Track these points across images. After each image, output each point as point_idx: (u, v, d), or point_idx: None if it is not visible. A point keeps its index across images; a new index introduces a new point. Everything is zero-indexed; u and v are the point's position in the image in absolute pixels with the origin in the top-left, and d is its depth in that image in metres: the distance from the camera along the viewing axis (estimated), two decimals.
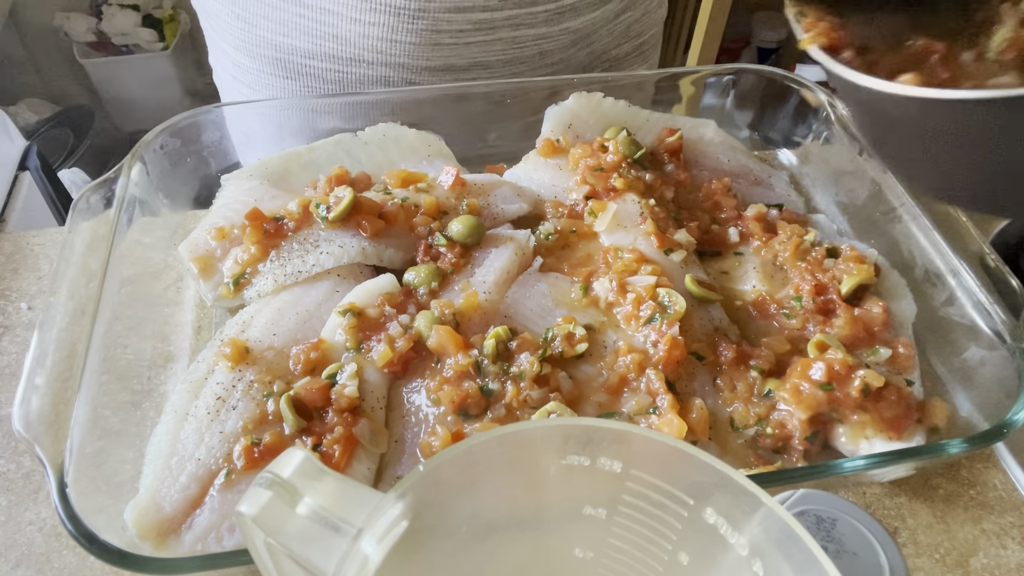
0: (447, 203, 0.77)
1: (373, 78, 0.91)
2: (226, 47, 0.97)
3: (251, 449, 0.58)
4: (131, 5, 2.46)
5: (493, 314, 0.69)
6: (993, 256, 0.67)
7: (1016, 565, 0.62)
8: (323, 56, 0.89)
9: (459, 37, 0.86)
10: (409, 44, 0.86)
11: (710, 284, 0.72)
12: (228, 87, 1.04)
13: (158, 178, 0.79)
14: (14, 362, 0.75)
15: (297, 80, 0.93)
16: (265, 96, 0.96)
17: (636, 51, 1.04)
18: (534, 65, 0.93)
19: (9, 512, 0.64)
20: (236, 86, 1.00)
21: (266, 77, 0.94)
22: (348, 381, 0.62)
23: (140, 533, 0.55)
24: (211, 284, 0.72)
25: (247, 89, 0.99)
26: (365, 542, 0.31)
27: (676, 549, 0.37)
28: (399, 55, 0.86)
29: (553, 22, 0.89)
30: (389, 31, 0.85)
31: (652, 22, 1.04)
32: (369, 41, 0.86)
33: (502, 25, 0.87)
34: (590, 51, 0.97)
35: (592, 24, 0.93)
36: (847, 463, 0.56)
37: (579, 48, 0.95)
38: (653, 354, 0.64)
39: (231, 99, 1.05)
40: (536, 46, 0.91)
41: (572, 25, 0.91)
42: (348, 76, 0.91)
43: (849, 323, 0.66)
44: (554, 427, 0.37)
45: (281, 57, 0.91)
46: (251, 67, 0.95)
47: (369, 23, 0.84)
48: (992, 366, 0.64)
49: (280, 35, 0.89)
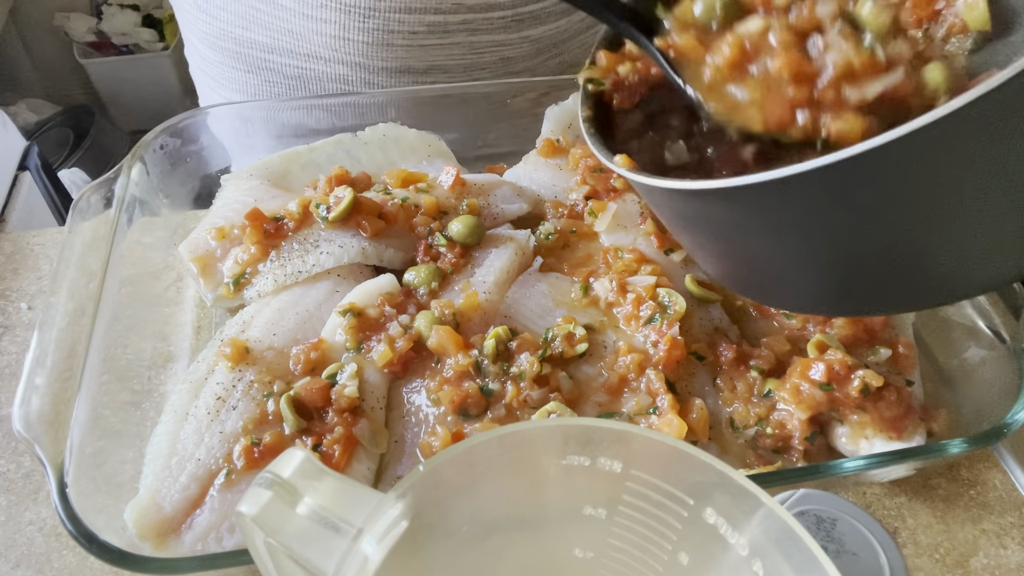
0: (447, 203, 0.77)
1: (331, 76, 0.90)
2: (194, 40, 0.98)
3: (251, 449, 0.58)
4: (131, 5, 2.46)
5: (493, 314, 0.69)
6: None
7: (1016, 565, 0.62)
8: (281, 51, 0.89)
9: (412, 39, 0.85)
10: (362, 43, 0.85)
11: (710, 284, 0.72)
12: (199, 80, 1.04)
13: (158, 178, 0.79)
14: (14, 362, 0.75)
15: (258, 74, 0.93)
16: (229, 89, 0.96)
17: None
18: (497, 72, 0.92)
19: (9, 512, 0.64)
20: (204, 79, 1.01)
21: (228, 70, 0.94)
22: (348, 381, 0.62)
23: (140, 533, 0.55)
24: (211, 284, 0.72)
25: (212, 81, 0.99)
26: (365, 542, 0.31)
27: (676, 549, 0.37)
28: (354, 54, 0.86)
29: (512, 29, 0.87)
30: (341, 29, 0.84)
31: None
32: (323, 38, 0.85)
33: (457, 29, 0.86)
34: (560, 61, 0.96)
35: (558, 34, 0.91)
36: (847, 463, 0.56)
37: (547, 57, 0.94)
38: (653, 354, 0.64)
39: (203, 93, 1.05)
40: (496, 52, 0.89)
41: (533, 33, 0.89)
42: (307, 72, 0.90)
43: (849, 323, 0.66)
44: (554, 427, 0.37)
45: (241, 51, 0.91)
46: (214, 59, 0.95)
47: (321, 20, 0.84)
48: (992, 366, 0.64)
49: (240, 28, 0.89)
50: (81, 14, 2.45)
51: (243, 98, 0.97)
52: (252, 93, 0.96)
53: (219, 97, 1.01)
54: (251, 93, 0.96)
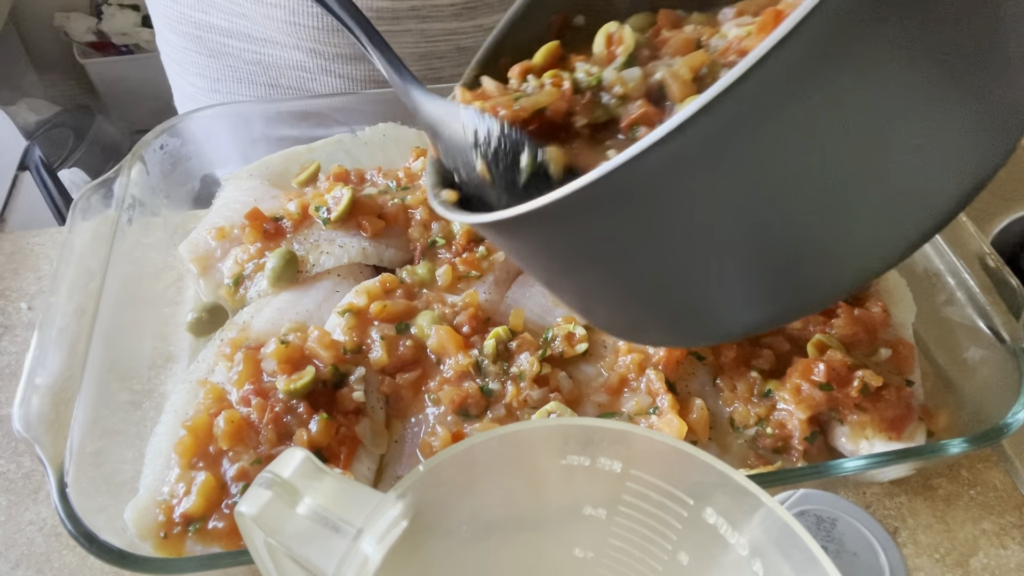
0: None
1: (290, 62, 0.89)
2: (159, 25, 0.98)
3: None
4: (131, 5, 2.46)
5: (493, 314, 0.69)
6: (993, 256, 0.67)
7: (1016, 565, 0.62)
8: (239, 35, 0.89)
9: None
10: (312, 28, 0.84)
11: None
12: (167, 67, 1.04)
13: (158, 178, 0.79)
14: (14, 362, 0.75)
15: (219, 59, 0.92)
16: (193, 74, 0.96)
17: None
18: (455, 61, 0.90)
19: (9, 512, 0.64)
20: (171, 64, 1.01)
21: (191, 55, 0.94)
22: (356, 385, 0.61)
23: (140, 533, 0.55)
24: (211, 284, 0.72)
25: (178, 67, 0.99)
26: (365, 542, 0.31)
27: (676, 549, 0.37)
28: (307, 39, 0.85)
29: (463, 17, 0.86)
30: (290, 13, 0.84)
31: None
32: (275, 23, 0.85)
33: (407, 16, 0.84)
34: None
35: None
36: (847, 463, 0.56)
37: None
38: (653, 354, 0.64)
39: (172, 80, 1.05)
40: (450, 41, 0.88)
41: (487, 22, 0.88)
42: (265, 58, 0.90)
43: (849, 323, 0.66)
44: (554, 427, 0.37)
45: (201, 35, 0.91)
46: (178, 44, 0.95)
47: (271, 4, 0.83)
48: (992, 366, 0.64)
49: (199, 11, 0.89)
50: (81, 14, 2.45)
51: (205, 83, 0.96)
52: (214, 78, 0.96)
53: (185, 83, 1.00)
54: (213, 78, 0.96)
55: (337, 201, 0.72)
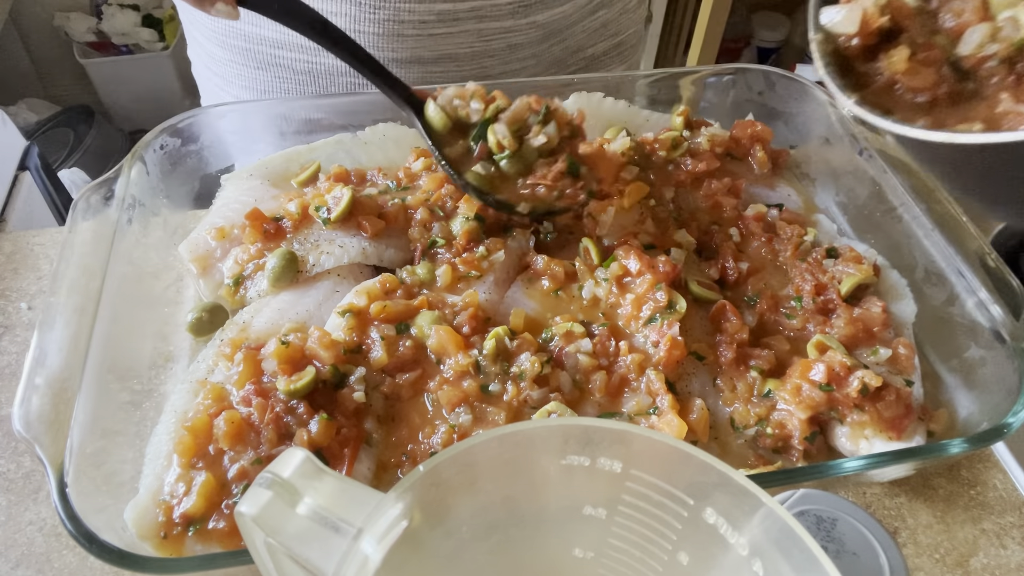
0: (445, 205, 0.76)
1: (341, 69, 0.90)
2: (200, 38, 0.97)
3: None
4: (131, 5, 2.46)
5: (493, 314, 0.69)
6: (993, 256, 0.67)
7: (1016, 565, 0.62)
8: (291, 46, 0.89)
9: (422, 28, 0.86)
10: (373, 35, 0.85)
11: (710, 284, 0.72)
12: (204, 79, 1.04)
13: (158, 178, 0.79)
14: (14, 362, 0.75)
15: (268, 70, 0.93)
16: (239, 87, 0.96)
17: (614, 50, 1.03)
18: (505, 59, 0.92)
19: (9, 512, 0.64)
20: (211, 77, 1.00)
21: (238, 68, 0.94)
22: (357, 386, 0.61)
23: (140, 533, 0.54)
24: (211, 284, 0.72)
25: (220, 80, 0.98)
26: (365, 542, 0.31)
27: (676, 549, 0.37)
28: (365, 46, 0.85)
29: (520, 15, 0.88)
30: (352, 21, 0.84)
31: (630, 22, 1.03)
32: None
33: (466, 17, 0.86)
34: (564, 47, 0.96)
35: (563, 19, 0.92)
36: (847, 463, 0.56)
37: (552, 44, 0.94)
38: (653, 354, 0.64)
39: (207, 92, 1.05)
40: (504, 39, 0.90)
41: (540, 19, 0.90)
42: (317, 67, 0.90)
43: (849, 323, 0.66)
44: (554, 427, 0.37)
45: (251, 47, 0.91)
46: (223, 58, 0.95)
47: (332, 13, 0.84)
48: (992, 366, 0.64)
49: (250, 25, 0.89)
50: (81, 14, 2.45)
51: (252, 95, 0.97)
52: (262, 90, 0.96)
53: (227, 95, 1.01)
54: (261, 90, 0.96)
55: (337, 201, 0.72)
